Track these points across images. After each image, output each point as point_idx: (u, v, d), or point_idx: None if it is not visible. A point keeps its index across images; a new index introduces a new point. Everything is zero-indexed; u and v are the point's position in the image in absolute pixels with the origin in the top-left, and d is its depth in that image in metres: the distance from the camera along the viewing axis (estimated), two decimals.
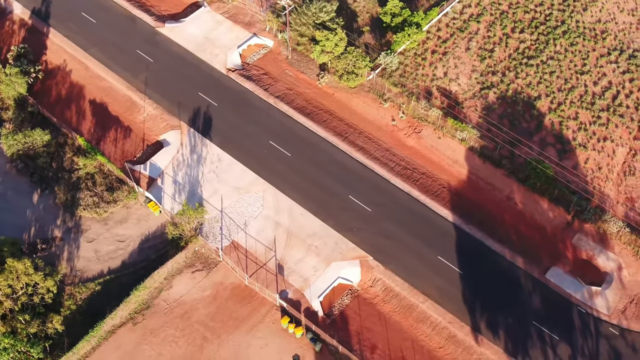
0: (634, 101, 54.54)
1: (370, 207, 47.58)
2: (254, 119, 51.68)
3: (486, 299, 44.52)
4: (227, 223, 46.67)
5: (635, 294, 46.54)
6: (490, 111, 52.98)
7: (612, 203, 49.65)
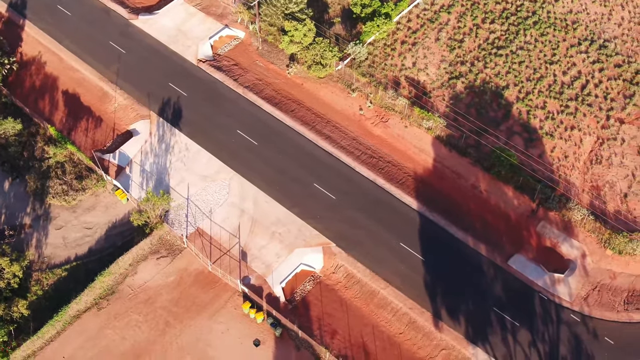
0: (603, 91, 54.57)
1: (334, 195, 47.99)
2: (222, 108, 52.27)
3: (447, 286, 44.77)
4: (193, 211, 47.15)
5: (599, 281, 46.64)
6: (458, 101, 53.25)
7: (577, 191, 49.65)
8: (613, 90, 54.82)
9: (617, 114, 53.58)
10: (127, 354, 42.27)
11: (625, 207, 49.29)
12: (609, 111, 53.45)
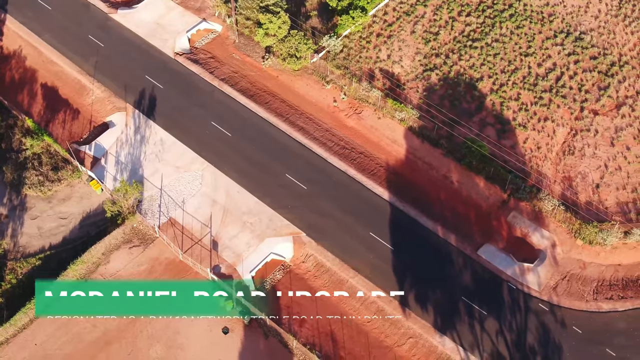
0: (578, 82, 54.63)
1: (306, 185, 48.40)
2: (197, 100, 52.77)
3: (416, 275, 44.97)
4: (166, 201, 47.61)
5: (568, 271, 46.77)
6: (432, 92, 53.46)
7: (549, 182, 49.85)
8: (588, 82, 54.88)
9: (591, 105, 53.70)
10: (98, 341, 42.78)
11: (596, 197, 49.36)
12: (583, 103, 53.57)
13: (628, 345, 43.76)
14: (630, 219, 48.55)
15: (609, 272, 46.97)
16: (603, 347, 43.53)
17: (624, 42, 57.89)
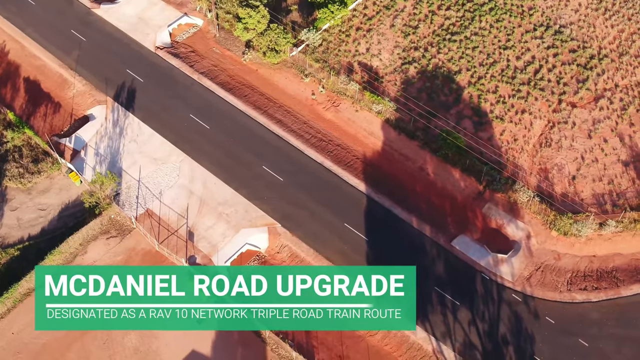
0: (556, 75, 54.71)
1: (282, 177, 48.69)
2: (177, 93, 53.20)
3: (389, 265, 45.54)
4: (144, 192, 48.08)
5: (543, 262, 46.87)
6: (409, 85, 53.65)
7: (525, 174, 49.98)
8: (566, 74, 54.95)
9: (569, 98, 53.75)
10: (74, 330, 43.55)
11: (572, 189, 49.46)
12: (561, 95, 53.62)
13: (601, 336, 43.79)
14: (605, 210, 48.66)
15: (583, 263, 47.12)
16: (576, 338, 43.67)
17: (603, 36, 58.00)
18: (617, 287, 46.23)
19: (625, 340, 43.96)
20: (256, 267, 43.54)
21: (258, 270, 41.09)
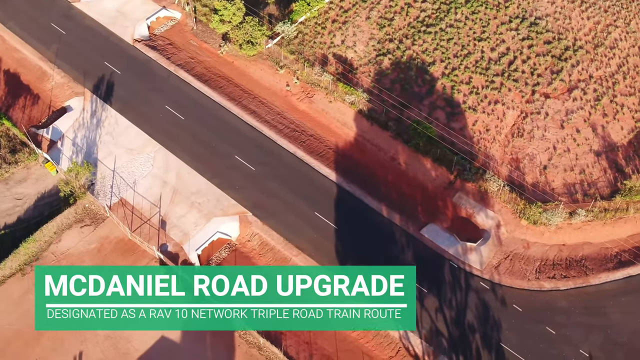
0: (531, 67, 54.87)
1: (254, 167, 49.25)
2: (153, 85, 53.89)
3: (357, 253, 45.49)
4: (118, 182, 48.76)
5: (512, 251, 47.08)
6: (383, 76, 54.00)
7: (496, 163, 50.18)
8: (541, 66, 55.14)
9: (542, 89, 53.93)
10: None
11: (543, 179, 49.70)
12: (534, 86, 53.80)
13: (568, 324, 44.02)
14: (576, 199, 48.84)
15: (552, 251, 47.33)
16: (543, 326, 43.86)
17: (579, 27, 58.11)
18: (586, 275, 46.47)
19: (592, 328, 44.11)
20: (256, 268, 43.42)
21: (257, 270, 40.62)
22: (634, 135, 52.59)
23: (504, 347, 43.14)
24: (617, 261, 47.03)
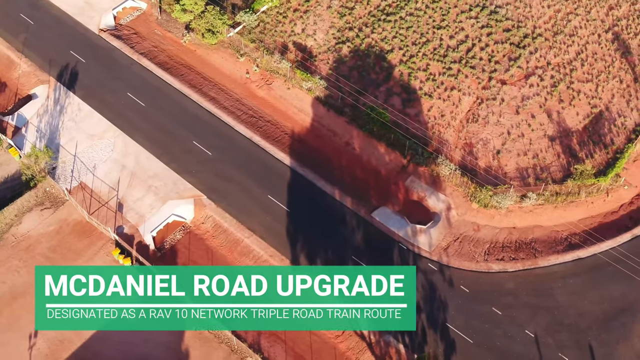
0: (489, 54, 55.34)
1: (211, 152, 50.31)
2: (116, 73, 55.06)
3: (308, 235, 46.36)
4: (78, 166, 49.93)
5: (461, 233, 47.62)
6: (341, 64, 54.68)
7: (450, 148, 50.78)
8: (499, 53, 55.56)
9: (499, 75, 54.32)
10: (5, 296, 44.89)
11: (496, 163, 50.13)
12: (492, 73, 54.20)
13: (514, 305, 44.56)
14: (528, 183, 49.25)
15: (502, 234, 47.75)
16: (490, 306, 44.37)
17: (539, 15, 58.39)
18: (535, 257, 46.92)
19: (539, 309, 44.67)
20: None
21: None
22: (590, 120, 53.32)
23: (449, 327, 43.71)
24: (567, 244, 47.63)
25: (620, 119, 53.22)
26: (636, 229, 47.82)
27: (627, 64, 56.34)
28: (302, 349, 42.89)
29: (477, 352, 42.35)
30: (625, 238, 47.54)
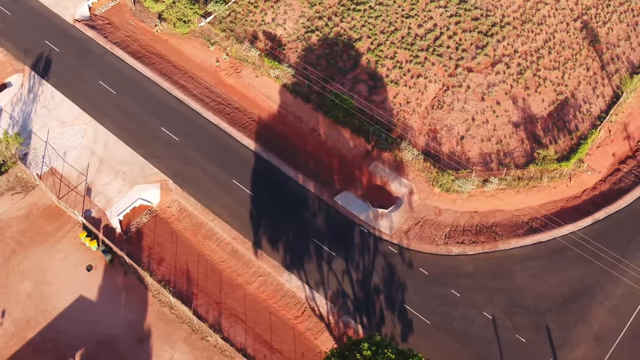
0: (456, 42, 55.81)
1: (178, 137, 51.22)
2: (89, 62, 56.09)
3: (271, 219, 47.26)
4: (50, 152, 50.95)
5: (423, 217, 48.12)
6: (310, 52, 55.53)
7: (414, 134, 51.31)
8: (466, 41, 56.07)
9: (466, 63, 54.81)
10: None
11: (460, 148, 50.63)
12: (458, 61, 54.74)
13: (473, 287, 45.01)
14: (491, 168, 49.64)
15: (464, 218, 48.25)
16: (448, 288, 44.88)
17: (508, 4, 58.71)
18: (495, 241, 47.25)
19: (497, 292, 45.04)
20: None
21: None
22: (555, 107, 53.61)
23: (407, 309, 44.25)
24: (528, 228, 47.96)
25: (585, 106, 53.74)
26: (597, 213, 48.52)
27: (594, 52, 56.81)
28: (262, 329, 43.95)
29: (435, 334, 42.96)
30: (587, 222, 48.11)
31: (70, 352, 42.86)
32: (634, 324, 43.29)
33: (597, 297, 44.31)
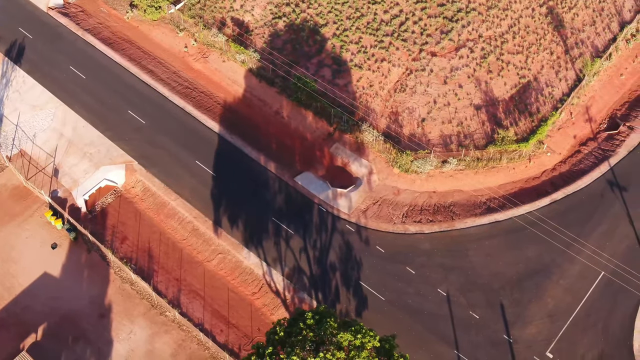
0: (421, 27, 56.35)
1: (144, 120, 52.39)
2: (61, 48, 57.43)
3: (232, 199, 48.25)
4: (20, 135, 52.11)
5: (381, 197, 48.83)
6: (276, 37, 56.39)
7: (376, 116, 51.98)
8: (431, 27, 56.58)
9: (430, 48, 55.39)
10: None
11: (420, 130, 51.23)
12: (423, 45, 55.30)
13: (428, 265, 45.68)
14: (451, 149, 50.23)
15: (422, 198, 48.88)
16: (404, 266, 45.56)
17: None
18: (452, 220, 47.92)
19: (452, 269, 45.69)
20: None
21: None
22: (517, 90, 54.05)
23: (362, 285, 45.04)
24: (486, 208, 48.57)
25: (548, 89, 54.18)
26: (555, 193, 49.02)
27: (559, 36, 57.44)
28: (220, 305, 44.87)
29: (389, 309, 43.67)
30: (544, 202, 48.66)
31: (34, 326, 44.05)
32: (589, 301, 43.88)
33: (553, 276, 44.88)
